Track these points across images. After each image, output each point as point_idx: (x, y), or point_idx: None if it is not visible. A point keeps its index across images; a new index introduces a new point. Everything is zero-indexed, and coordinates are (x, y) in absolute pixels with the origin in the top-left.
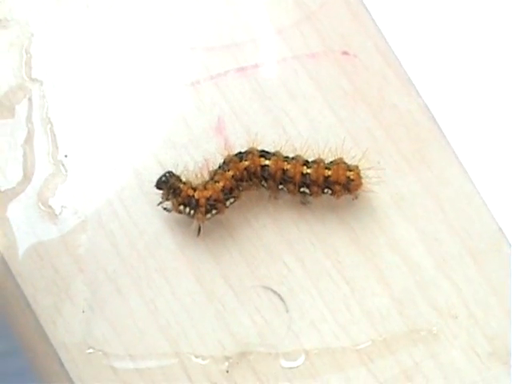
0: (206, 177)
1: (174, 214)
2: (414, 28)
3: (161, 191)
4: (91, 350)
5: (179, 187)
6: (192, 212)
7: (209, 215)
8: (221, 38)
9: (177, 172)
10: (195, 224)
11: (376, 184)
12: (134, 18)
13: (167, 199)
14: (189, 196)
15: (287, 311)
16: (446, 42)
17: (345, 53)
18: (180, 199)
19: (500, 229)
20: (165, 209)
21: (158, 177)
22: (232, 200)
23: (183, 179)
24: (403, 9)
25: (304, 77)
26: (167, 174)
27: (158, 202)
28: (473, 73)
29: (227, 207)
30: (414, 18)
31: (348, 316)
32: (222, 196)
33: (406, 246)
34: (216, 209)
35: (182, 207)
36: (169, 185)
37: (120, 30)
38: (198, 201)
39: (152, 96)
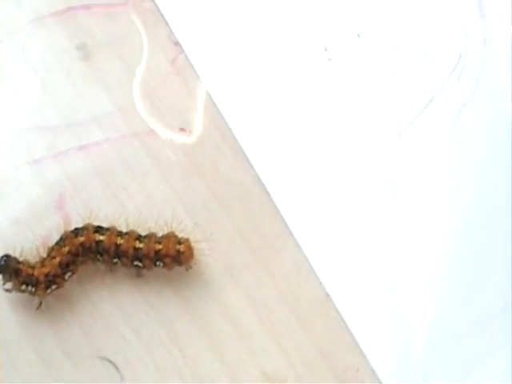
0: (43, 253)
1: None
2: (249, 102)
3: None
4: None
5: (19, 268)
6: (33, 289)
7: (49, 290)
8: (64, 118)
9: (16, 249)
10: (36, 299)
11: (208, 255)
12: None
13: (9, 281)
14: (29, 275)
15: (122, 379)
16: (278, 113)
17: (182, 129)
18: (21, 279)
19: (327, 294)
20: (6, 290)
21: None
22: (70, 274)
23: (20, 259)
24: (239, 84)
25: (142, 153)
26: (5, 258)
27: (1, 284)
28: (303, 141)
29: (66, 281)
30: (249, 93)
31: (180, 383)
32: (59, 271)
33: (237, 313)
34: (55, 283)
35: (23, 286)
36: (9, 268)
37: None
38: (37, 278)
39: None
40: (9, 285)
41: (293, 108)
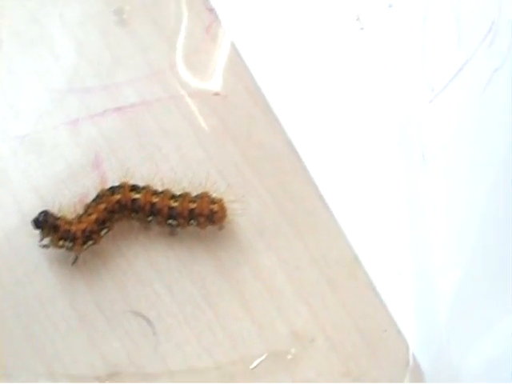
0: (80, 210)
1: None
2: (282, 70)
3: (39, 230)
4: None
5: (57, 224)
6: (70, 245)
7: (85, 246)
8: (101, 80)
9: (54, 207)
10: (72, 255)
11: (240, 215)
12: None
13: (46, 236)
14: (66, 230)
15: (154, 334)
16: (310, 81)
17: (216, 93)
18: (59, 234)
19: (356, 257)
20: (44, 246)
21: (36, 214)
22: (106, 230)
23: (58, 215)
24: (272, 52)
25: (177, 116)
26: (44, 214)
27: (39, 240)
28: (335, 108)
29: (102, 237)
30: (282, 60)
31: (212, 338)
32: (96, 227)
33: (268, 273)
34: (92, 239)
35: (61, 242)
36: (48, 224)
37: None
38: (75, 234)
39: (34, 135)
40: (46, 240)
41: (325, 75)
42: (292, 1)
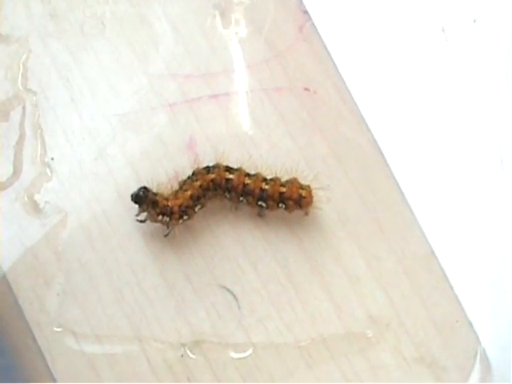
0: (175, 187)
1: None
2: (369, 71)
3: (137, 205)
4: (61, 329)
5: (156, 200)
6: (167, 219)
7: (181, 220)
8: (198, 68)
9: (149, 183)
10: (165, 228)
11: (325, 203)
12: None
13: (144, 211)
14: (165, 206)
15: (239, 308)
16: (395, 84)
17: (306, 89)
18: (158, 209)
19: (432, 251)
20: (140, 221)
21: (134, 189)
22: (199, 206)
23: (154, 191)
24: (361, 54)
25: (269, 107)
26: (143, 190)
27: (135, 215)
28: (417, 111)
29: (196, 213)
30: (369, 62)
31: (292, 316)
32: (191, 203)
33: (348, 259)
34: (187, 214)
35: (160, 217)
36: (147, 199)
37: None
38: (172, 209)
39: (133, 114)
40: (143, 215)
41: (409, 80)
42: (382, 8)
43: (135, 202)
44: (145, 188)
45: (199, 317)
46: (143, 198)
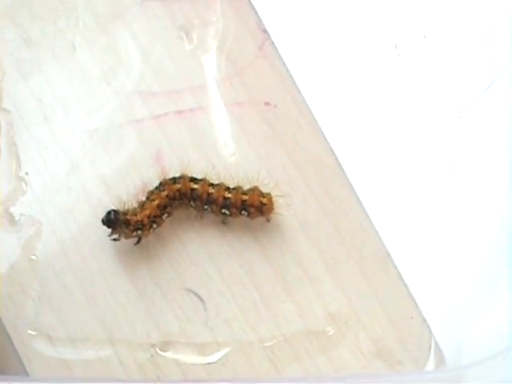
0: (142, 198)
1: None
2: (326, 85)
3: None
4: (36, 333)
5: (128, 219)
6: (140, 232)
7: (151, 230)
8: (164, 86)
9: (119, 195)
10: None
11: (285, 210)
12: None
13: (117, 232)
14: (137, 221)
15: (205, 310)
16: (351, 97)
17: (267, 103)
18: (131, 227)
19: (388, 253)
20: (114, 239)
21: (105, 201)
22: (166, 215)
23: (121, 209)
24: (318, 69)
25: (231, 121)
26: (113, 213)
27: (108, 235)
28: (372, 122)
29: (164, 221)
30: (326, 77)
31: (256, 317)
32: (159, 212)
33: (308, 261)
34: (156, 223)
35: (134, 233)
36: (119, 221)
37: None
38: (142, 221)
39: (102, 130)
40: (116, 235)
41: (366, 93)
42: (338, 27)
43: (108, 227)
44: (114, 211)
45: (168, 319)
46: (115, 221)
